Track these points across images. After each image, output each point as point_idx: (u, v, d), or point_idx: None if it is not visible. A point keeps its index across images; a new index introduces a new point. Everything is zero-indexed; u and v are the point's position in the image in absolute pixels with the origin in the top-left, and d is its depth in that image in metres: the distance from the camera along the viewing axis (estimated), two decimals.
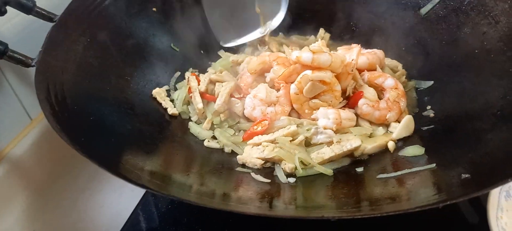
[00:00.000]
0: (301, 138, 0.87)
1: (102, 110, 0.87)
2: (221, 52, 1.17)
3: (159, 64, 1.07)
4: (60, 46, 0.90)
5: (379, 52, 1.03)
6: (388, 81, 0.94)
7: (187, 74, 1.08)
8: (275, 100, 0.94)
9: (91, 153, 0.69)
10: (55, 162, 1.16)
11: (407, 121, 0.90)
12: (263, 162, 0.87)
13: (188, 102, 1.02)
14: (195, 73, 1.08)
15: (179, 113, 1.00)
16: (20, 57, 0.86)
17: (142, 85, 1.01)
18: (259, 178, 0.84)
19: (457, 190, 0.69)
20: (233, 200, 0.76)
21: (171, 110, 0.99)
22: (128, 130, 0.87)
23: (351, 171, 0.85)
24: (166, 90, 1.04)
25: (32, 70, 1.08)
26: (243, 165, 0.88)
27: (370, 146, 0.87)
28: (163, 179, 0.76)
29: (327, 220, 0.92)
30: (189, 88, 1.01)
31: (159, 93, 1.02)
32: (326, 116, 0.89)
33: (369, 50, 1.04)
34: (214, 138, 0.96)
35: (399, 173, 0.79)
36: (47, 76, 0.83)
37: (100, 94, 0.90)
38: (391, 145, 0.88)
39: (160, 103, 1.00)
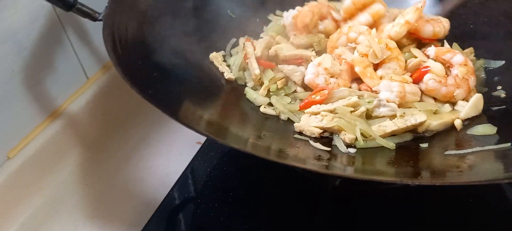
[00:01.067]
0: (362, 109, 0.84)
1: (164, 67, 0.88)
2: (272, 16, 1.14)
3: (216, 29, 1.06)
4: (125, 3, 0.90)
5: (444, 21, 0.97)
6: (457, 57, 0.89)
7: (242, 40, 1.07)
8: (338, 72, 0.91)
9: (156, 100, 0.70)
10: (108, 121, 1.19)
11: (476, 99, 0.85)
12: (321, 131, 0.85)
13: (243, 68, 1.01)
14: (250, 39, 1.06)
15: (235, 79, 1.00)
16: (88, 10, 0.87)
17: (200, 48, 1.01)
18: (318, 146, 0.82)
19: None
20: (290, 157, 0.74)
21: (228, 75, 0.98)
22: (187, 88, 0.88)
23: (413, 146, 0.81)
24: (223, 55, 1.04)
25: (92, 30, 1.12)
26: (300, 133, 0.87)
27: (435, 122, 0.83)
28: (221, 129, 0.77)
29: (381, 190, 0.92)
30: (245, 55, 1.00)
31: (216, 57, 1.01)
32: (390, 89, 0.85)
33: (433, 16, 0.99)
34: (270, 105, 0.94)
35: (469, 150, 0.75)
36: (113, 30, 0.84)
37: (161, 53, 0.90)
38: (458, 123, 0.84)
39: (217, 68, 1.00)
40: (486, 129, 0.81)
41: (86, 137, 1.14)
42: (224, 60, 1.03)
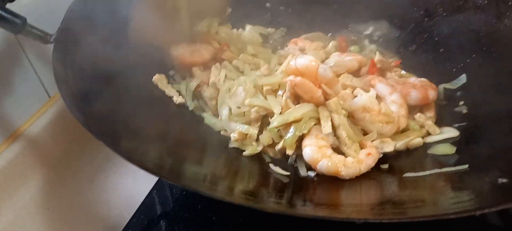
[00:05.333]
0: None
1: (117, 94, 0.85)
2: None
3: None
4: (80, 24, 0.87)
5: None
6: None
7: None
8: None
9: (104, 137, 0.67)
10: (72, 141, 1.15)
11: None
12: (284, 152, 0.83)
13: (197, 96, 0.97)
14: None
15: (191, 109, 0.95)
16: (39, 33, 0.83)
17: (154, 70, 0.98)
18: (278, 170, 0.80)
19: (492, 196, 0.64)
20: (250, 194, 0.72)
21: (177, 99, 0.94)
22: (142, 114, 0.85)
23: (375, 166, 0.81)
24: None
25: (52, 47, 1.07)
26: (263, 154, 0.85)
27: (399, 144, 0.82)
28: (177, 167, 0.74)
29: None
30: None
31: (160, 80, 0.97)
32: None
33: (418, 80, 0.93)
34: None
35: (427, 172, 0.75)
36: (65, 55, 0.81)
37: (116, 78, 0.87)
38: (418, 141, 0.83)
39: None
40: (445, 148, 0.80)
41: (48, 158, 1.11)
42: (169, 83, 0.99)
